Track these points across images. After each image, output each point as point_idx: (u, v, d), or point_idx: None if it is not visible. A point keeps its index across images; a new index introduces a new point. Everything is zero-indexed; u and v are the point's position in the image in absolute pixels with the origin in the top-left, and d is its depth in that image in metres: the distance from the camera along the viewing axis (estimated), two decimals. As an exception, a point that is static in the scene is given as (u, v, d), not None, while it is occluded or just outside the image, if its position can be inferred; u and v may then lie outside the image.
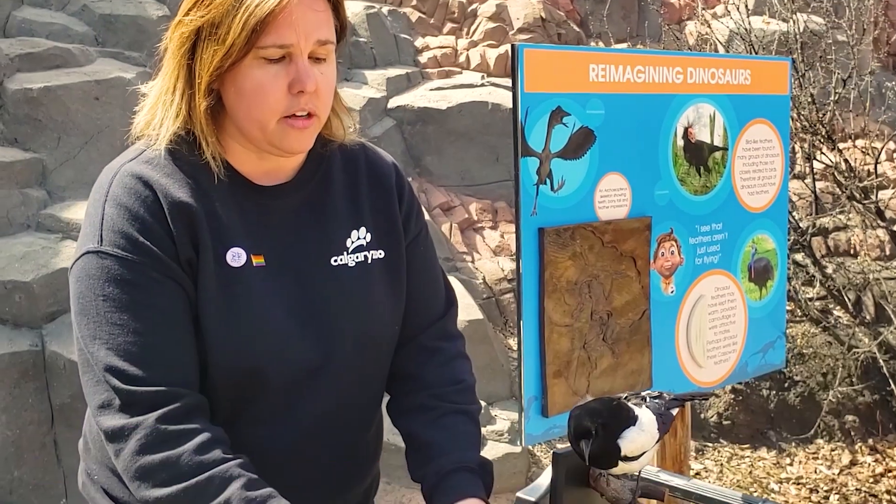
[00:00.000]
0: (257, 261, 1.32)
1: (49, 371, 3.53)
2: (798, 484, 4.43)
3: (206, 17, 1.26)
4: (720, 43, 5.41)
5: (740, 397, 4.82)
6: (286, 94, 1.27)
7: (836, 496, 4.34)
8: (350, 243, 1.41)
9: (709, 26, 5.31)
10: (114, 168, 1.33)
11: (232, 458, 1.22)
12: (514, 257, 2.32)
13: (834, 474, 4.54)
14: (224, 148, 1.34)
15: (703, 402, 4.56)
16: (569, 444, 1.29)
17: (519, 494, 1.42)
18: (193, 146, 1.31)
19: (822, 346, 5.00)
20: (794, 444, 4.78)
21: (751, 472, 4.50)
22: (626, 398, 1.31)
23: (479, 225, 5.53)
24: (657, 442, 1.30)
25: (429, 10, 6.91)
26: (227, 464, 1.21)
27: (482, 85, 6.11)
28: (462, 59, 6.58)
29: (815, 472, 4.56)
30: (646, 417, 1.27)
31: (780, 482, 4.47)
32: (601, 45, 7.13)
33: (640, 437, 1.25)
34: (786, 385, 4.93)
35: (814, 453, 4.73)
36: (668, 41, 6.06)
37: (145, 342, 1.24)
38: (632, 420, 1.25)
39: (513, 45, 2.23)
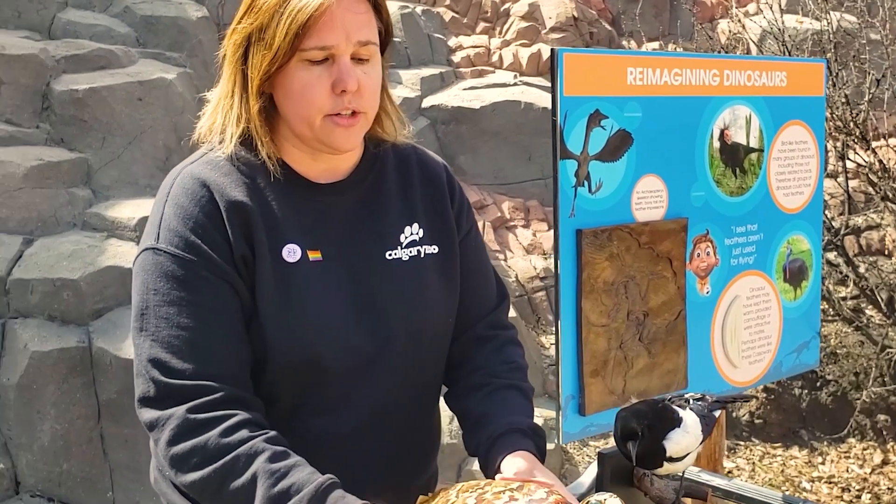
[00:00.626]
0: (314, 256, 1.37)
1: (96, 367, 3.61)
2: (830, 483, 4.43)
3: (255, 23, 1.32)
4: (753, 42, 5.40)
5: (772, 396, 4.83)
6: (330, 94, 1.32)
7: (868, 495, 4.33)
8: (403, 238, 1.46)
9: (742, 26, 5.30)
10: (177, 170, 1.40)
11: (259, 435, 1.26)
12: (549, 257, 2.34)
13: (866, 473, 4.53)
14: (281, 149, 1.40)
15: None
16: (613, 444, 1.33)
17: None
18: (252, 148, 1.37)
19: (855, 346, 4.99)
20: (825, 443, 4.78)
21: (783, 471, 4.51)
22: (670, 400, 1.35)
23: (512, 223, 5.57)
24: (701, 443, 1.34)
25: (462, 9, 6.95)
26: (252, 441, 1.25)
27: (515, 84, 6.14)
28: (495, 58, 6.61)
29: (847, 471, 4.56)
30: (690, 419, 1.31)
31: (812, 481, 4.47)
32: (633, 43, 7.12)
33: (685, 439, 1.29)
34: (818, 384, 4.93)
35: (846, 452, 4.72)
36: (701, 40, 6.04)
37: (188, 337, 1.29)
38: (677, 422, 1.29)
39: (552, 49, 2.25)
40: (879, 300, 4.56)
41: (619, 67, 2.33)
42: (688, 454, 1.30)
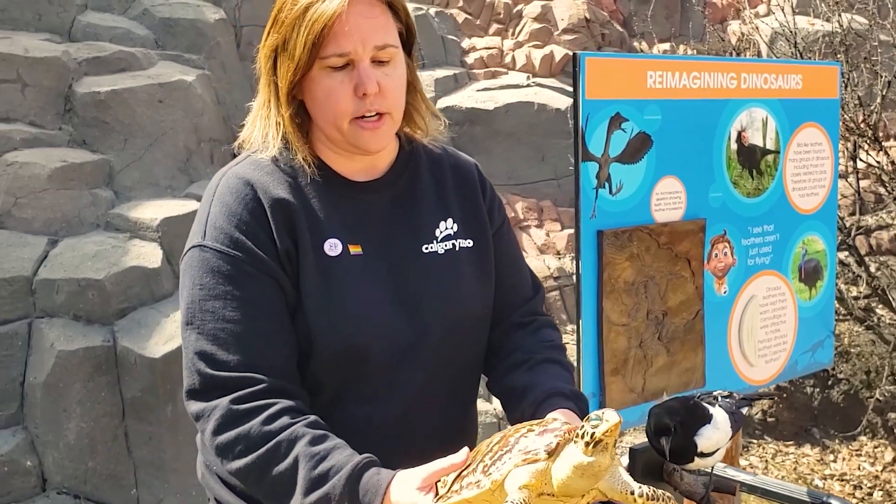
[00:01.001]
0: (354, 250, 1.43)
1: (120, 366, 3.65)
2: (842, 480, 4.46)
3: (279, 36, 1.40)
4: (764, 42, 5.42)
5: (784, 395, 4.86)
6: (353, 98, 1.39)
7: (880, 492, 4.36)
8: (438, 233, 1.52)
9: (756, 29, 5.32)
10: (222, 172, 1.48)
11: (299, 421, 1.31)
12: (563, 256, 2.38)
13: (877, 471, 4.56)
14: (318, 151, 1.47)
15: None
16: (644, 440, 1.38)
17: (591, 486, 1.51)
18: (292, 150, 1.44)
19: (866, 345, 5.01)
20: (837, 440, 4.80)
21: (795, 469, 4.54)
22: (699, 397, 1.39)
23: (525, 223, 5.61)
24: (730, 439, 1.39)
25: (475, 11, 6.98)
26: (293, 426, 1.30)
27: (528, 86, 6.17)
28: (508, 59, 6.64)
29: (859, 468, 4.58)
30: (720, 416, 1.35)
31: (825, 479, 4.50)
32: (644, 45, 7.14)
33: (715, 435, 1.33)
34: (829, 383, 4.95)
35: (857, 450, 4.75)
36: (713, 42, 6.07)
37: (233, 329, 1.34)
38: (707, 418, 1.33)
39: (574, 53, 2.29)
40: (891, 300, 4.59)
41: (640, 71, 2.37)
42: (717, 450, 1.35)
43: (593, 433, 1.06)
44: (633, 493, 1.10)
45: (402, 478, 1.25)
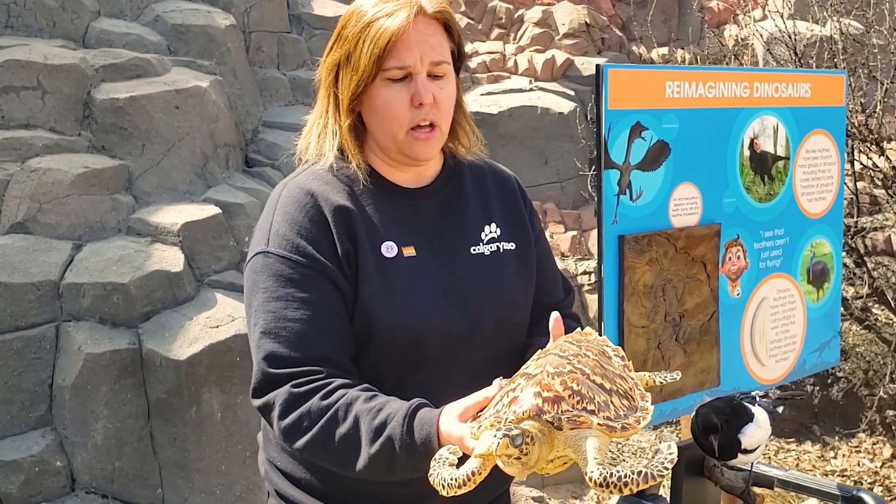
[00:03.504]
0: (408, 252, 1.53)
1: (146, 368, 3.69)
2: (843, 476, 4.54)
3: (342, 50, 1.51)
4: (765, 47, 5.49)
5: (786, 390, 4.91)
6: (409, 107, 1.49)
7: (880, 488, 4.44)
8: (484, 236, 1.62)
9: (758, 34, 5.40)
10: (284, 183, 1.58)
11: (352, 387, 1.41)
12: (567, 258, 2.44)
13: (876, 467, 4.62)
14: (370, 161, 1.57)
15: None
16: (688, 437, 1.47)
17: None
18: (347, 160, 1.55)
19: (864, 344, 5.07)
20: (837, 437, 4.87)
21: (797, 465, 4.61)
22: (740, 397, 1.49)
23: (531, 226, 5.64)
24: (769, 437, 1.48)
25: (477, 15, 7.04)
26: (347, 392, 1.39)
27: (531, 90, 6.23)
28: (510, 63, 6.70)
29: (859, 464, 4.65)
30: (761, 415, 1.45)
31: (826, 475, 4.57)
32: (643, 49, 7.21)
33: (758, 433, 1.42)
34: (829, 381, 5.02)
35: (856, 447, 4.82)
36: (712, 46, 6.14)
37: (293, 327, 1.43)
38: (750, 417, 1.43)
39: (598, 66, 2.35)
40: (889, 301, 4.66)
41: (659, 81, 2.44)
42: (758, 447, 1.44)
43: (497, 444, 1.13)
44: (588, 475, 1.13)
45: (448, 411, 1.34)
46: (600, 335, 1.37)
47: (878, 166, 4.54)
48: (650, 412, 1.24)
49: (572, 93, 6.45)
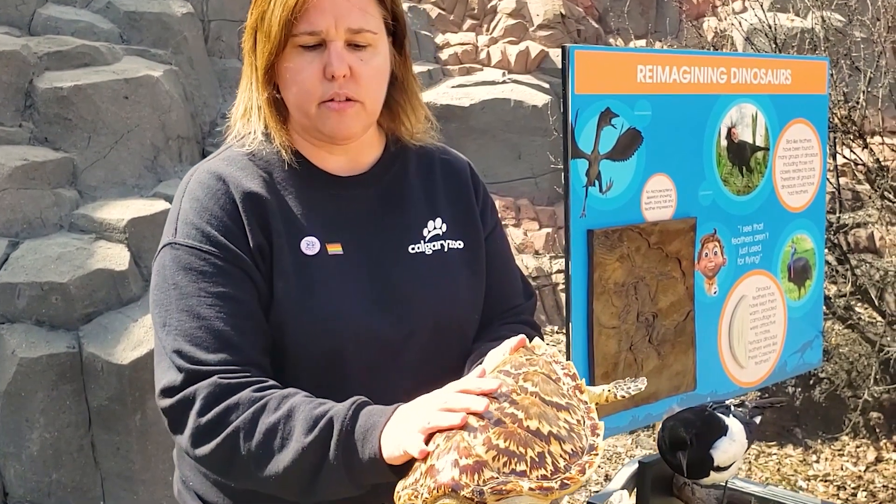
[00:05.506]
0: (333, 249, 1.36)
1: (86, 373, 3.54)
2: (826, 481, 4.44)
3: (256, 14, 1.36)
4: (742, 37, 5.40)
5: (766, 395, 4.83)
6: (321, 79, 1.32)
7: (864, 493, 4.35)
8: (426, 232, 1.45)
9: (740, 24, 5.29)
10: (195, 168, 1.42)
11: (288, 388, 1.25)
12: (542, 256, 2.34)
13: (860, 471, 4.54)
14: (297, 144, 1.41)
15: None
16: (652, 453, 1.29)
17: (591, 501, 1.43)
18: (271, 142, 1.38)
19: (847, 344, 5.00)
20: (819, 441, 4.79)
21: (779, 470, 4.51)
22: (712, 407, 1.31)
23: (503, 222, 5.53)
24: (745, 451, 1.31)
25: (448, 6, 6.91)
26: (285, 389, 1.24)
27: (504, 82, 6.11)
28: (482, 55, 6.58)
29: (842, 468, 4.57)
30: (736, 427, 1.28)
31: (808, 479, 4.48)
32: (620, 41, 7.12)
33: (732, 448, 1.25)
34: (811, 382, 4.94)
35: (839, 450, 4.74)
36: (690, 38, 6.05)
37: (211, 325, 1.27)
38: (723, 430, 1.26)
39: (563, 47, 2.24)
40: (873, 299, 4.58)
41: (630, 65, 2.32)
42: (733, 463, 1.26)
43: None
44: None
45: (405, 413, 1.16)
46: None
47: (859, 161, 4.44)
48: (599, 450, 1.06)
49: (547, 85, 6.33)
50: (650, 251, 2.40)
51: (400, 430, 1.12)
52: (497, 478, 0.99)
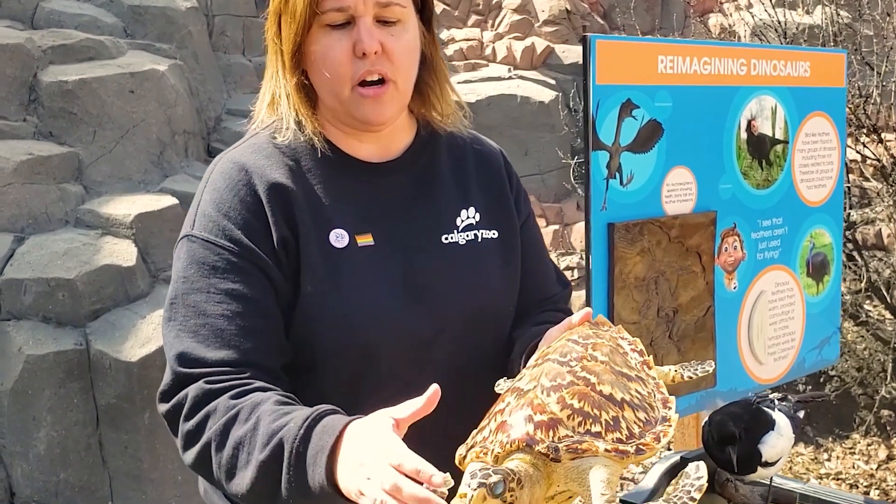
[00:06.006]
0: (363, 240, 1.31)
1: (94, 370, 3.50)
2: (838, 479, 4.41)
3: None
4: (757, 36, 5.37)
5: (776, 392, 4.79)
6: (351, 58, 1.27)
7: (877, 491, 4.31)
8: (459, 222, 1.40)
9: (746, 24, 5.26)
10: (219, 157, 1.37)
11: (270, 390, 1.18)
12: (560, 254, 2.31)
13: (872, 469, 4.51)
14: (326, 131, 1.35)
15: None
16: (693, 449, 1.25)
17: (623, 497, 1.39)
18: (298, 131, 1.33)
19: (857, 341, 4.97)
20: (831, 439, 4.75)
21: (790, 468, 4.48)
22: (756, 401, 1.27)
23: (510, 219, 5.50)
24: (792, 446, 1.27)
25: (453, 2, 6.89)
26: (261, 394, 1.17)
27: (510, 78, 6.08)
28: (488, 51, 6.55)
29: (854, 467, 4.53)
30: (783, 421, 1.24)
31: (820, 478, 4.45)
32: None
33: (780, 442, 1.22)
34: (822, 380, 4.91)
35: (850, 448, 4.71)
36: (696, 35, 6.02)
37: (214, 325, 1.23)
38: (771, 424, 1.22)
39: (584, 36, 2.21)
40: (886, 296, 4.55)
41: (651, 55, 2.29)
42: (780, 459, 1.23)
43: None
44: None
45: (368, 420, 1.08)
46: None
47: (873, 156, 4.40)
48: (673, 422, 1.04)
49: (553, 81, 6.30)
50: (671, 245, 2.37)
51: (353, 467, 1.03)
52: (572, 436, 0.96)
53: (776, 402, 1.32)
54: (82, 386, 3.47)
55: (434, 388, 1.08)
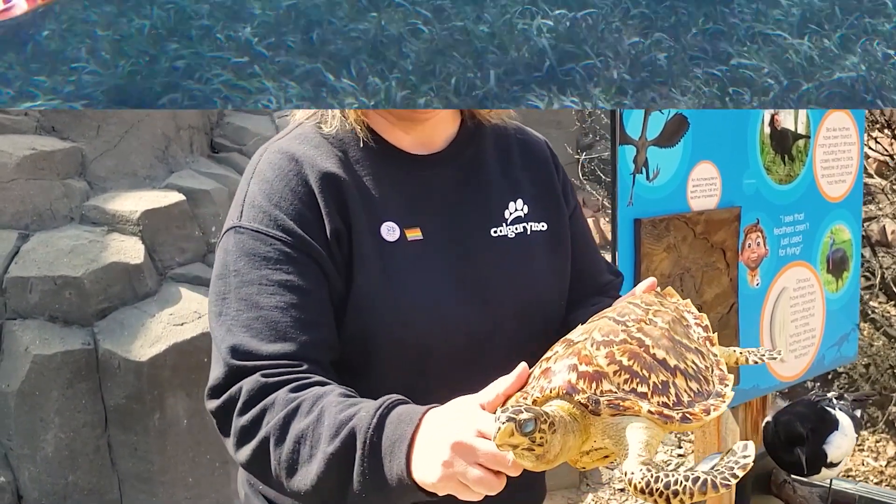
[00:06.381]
0: (412, 234, 1.29)
1: (102, 371, 3.45)
2: (847, 476, 4.40)
3: None
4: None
5: (785, 390, 4.78)
6: None
7: (887, 488, 4.31)
8: (508, 214, 1.38)
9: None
10: (265, 146, 1.35)
11: (329, 384, 1.16)
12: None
13: (881, 466, 4.51)
14: (371, 121, 1.33)
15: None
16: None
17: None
18: (343, 121, 1.31)
19: (865, 338, 4.97)
20: (839, 436, 4.74)
21: (799, 465, 4.46)
22: (817, 400, 1.24)
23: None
24: (854, 446, 1.24)
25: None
26: (321, 388, 1.14)
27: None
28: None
29: (863, 464, 4.53)
30: (845, 421, 1.21)
31: (829, 475, 4.43)
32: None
33: (845, 442, 1.19)
34: (829, 377, 4.90)
35: (858, 445, 4.70)
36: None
37: (268, 317, 1.20)
38: (835, 424, 1.19)
39: None
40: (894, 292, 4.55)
41: None
42: (843, 459, 1.19)
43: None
44: (627, 475, 0.90)
45: (452, 406, 1.07)
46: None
47: (869, 154, 4.39)
48: (728, 400, 1.00)
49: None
50: (696, 241, 2.37)
51: (432, 451, 1.01)
52: (616, 392, 0.94)
53: (835, 401, 1.28)
54: (90, 386, 3.42)
55: (523, 366, 1.07)
